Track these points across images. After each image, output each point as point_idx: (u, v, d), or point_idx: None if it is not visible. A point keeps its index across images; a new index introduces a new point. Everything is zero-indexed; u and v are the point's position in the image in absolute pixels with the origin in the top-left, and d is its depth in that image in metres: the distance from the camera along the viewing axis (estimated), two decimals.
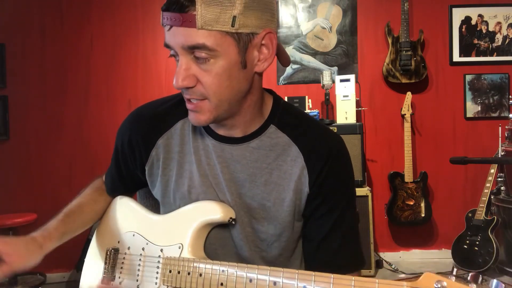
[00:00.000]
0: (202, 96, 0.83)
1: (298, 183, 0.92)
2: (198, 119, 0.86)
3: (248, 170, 0.93)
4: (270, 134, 0.93)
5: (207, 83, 0.81)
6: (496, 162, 3.20)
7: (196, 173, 0.95)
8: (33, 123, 3.34)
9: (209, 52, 0.78)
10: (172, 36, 0.79)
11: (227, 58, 0.80)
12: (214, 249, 0.96)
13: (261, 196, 0.93)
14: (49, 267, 3.29)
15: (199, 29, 0.76)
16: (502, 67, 3.52)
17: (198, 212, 0.93)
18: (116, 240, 1.05)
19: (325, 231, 0.94)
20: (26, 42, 3.34)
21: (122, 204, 1.10)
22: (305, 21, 3.53)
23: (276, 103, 0.96)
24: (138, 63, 3.45)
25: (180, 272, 0.89)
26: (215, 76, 0.80)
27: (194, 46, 0.78)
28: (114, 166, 1.10)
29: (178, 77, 0.80)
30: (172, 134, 0.98)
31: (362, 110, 3.48)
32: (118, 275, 1.02)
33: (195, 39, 0.77)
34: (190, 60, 0.80)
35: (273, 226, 0.94)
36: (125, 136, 1.03)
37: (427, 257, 3.49)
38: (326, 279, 0.71)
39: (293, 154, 0.92)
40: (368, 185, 3.42)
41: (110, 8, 3.43)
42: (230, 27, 0.77)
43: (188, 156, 0.97)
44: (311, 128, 0.96)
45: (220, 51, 0.78)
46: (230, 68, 0.81)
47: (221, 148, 0.94)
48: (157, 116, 0.99)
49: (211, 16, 0.75)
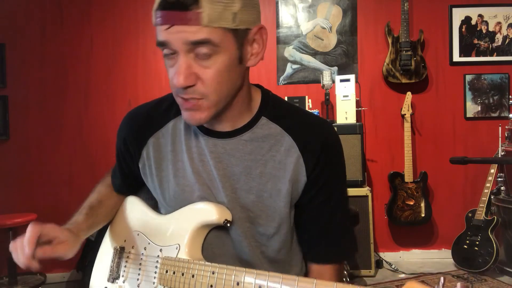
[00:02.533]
0: (201, 95, 0.82)
1: (294, 172, 0.92)
2: (197, 117, 0.85)
3: (243, 163, 0.93)
4: (261, 126, 0.94)
5: (208, 80, 0.81)
6: (496, 162, 3.20)
7: (190, 171, 0.95)
8: (33, 123, 3.34)
9: (213, 48, 0.79)
10: (172, 34, 0.78)
11: (227, 54, 0.81)
12: (211, 249, 0.96)
13: (258, 188, 0.93)
14: (49, 267, 3.29)
15: (204, 26, 0.77)
16: (502, 67, 3.52)
17: (196, 214, 0.94)
18: (123, 239, 1.07)
19: (324, 219, 0.96)
20: (26, 42, 3.34)
21: (131, 204, 1.12)
22: (305, 21, 3.53)
23: (265, 97, 0.97)
24: (138, 63, 3.45)
25: (176, 273, 0.90)
26: (216, 72, 0.81)
27: (199, 41, 0.78)
28: (117, 165, 1.11)
29: (179, 76, 0.80)
30: (164, 134, 0.99)
31: (362, 110, 3.48)
32: (122, 273, 1.03)
33: (200, 35, 0.77)
34: (190, 58, 0.80)
35: (272, 218, 0.94)
36: (121, 135, 1.05)
37: (427, 257, 3.50)
38: (309, 284, 0.71)
39: (287, 144, 0.93)
40: (368, 185, 3.42)
41: (110, 8, 3.43)
42: (231, 23, 0.79)
43: (181, 155, 0.97)
44: (303, 118, 0.97)
45: (222, 47, 0.80)
46: (230, 63, 0.82)
47: (213, 143, 0.94)
48: (150, 115, 1.01)
49: (215, 14, 0.77)
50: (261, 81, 4.04)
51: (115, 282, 1.03)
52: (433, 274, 3.13)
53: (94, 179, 3.75)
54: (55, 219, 2.73)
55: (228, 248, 0.97)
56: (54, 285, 3.26)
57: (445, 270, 3.19)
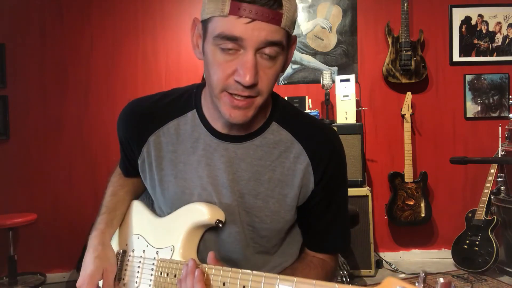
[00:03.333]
0: (258, 93, 0.83)
1: (303, 179, 0.94)
2: (248, 115, 0.84)
3: (253, 168, 0.93)
4: (272, 131, 0.94)
5: (268, 80, 0.82)
6: (496, 162, 3.21)
7: (193, 173, 0.94)
8: (33, 123, 3.34)
9: (279, 51, 0.81)
10: (251, 29, 0.76)
11: (284, 58, 0.85)
12: (207, 251, 0.96)
13: (265, 193, 0.93)
14: (49, 267, 3.29)
15: (282, 28, 0.79)
16: (502, 67, 3.52)
17: (189, 215, 0.93)
18: (125, 243, 1.07)
19: (327, 221, 1.00)
20: (26, 42, 3.34)
21: (134, 207, 1.11)
22: (305, 21, 3.53)
23: (275, 101, 0.97)
24: (138, 63, 3.45)
25: (169, 275, 0.90)
26: (274, 73, 0.83)
27: (275, 42, 0.79)
28: (121, 150, 1.10)
29: (250, 73, 0.78)
30: (165, 132, 0.97)
31: (362, 110, 3.48)
32: (123, 276, 1.03)
33: (278, 36, 0.79)
34: (257, 57, 0.79)
35: (276, 222, 0.95)
36: (121, 128, 1.03)
37: (427, 257, 3.50)
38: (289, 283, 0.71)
39: (296, 151, 0.94)
40: (368, 185, 3.42)
41: (110, 8, 3.43)
42: (292, 30, 0.84)
43: (183, 157, 0.95)
44: (311, 124, 0.99)
45: (285, 51, 0.84)
46: (281, 67, 0.86)
47: (224, 147, 0.93)
48: (152, 112, 0.99)
49: (291, 18, 0.80)
50: None
51: (117, 285, 1.03)
52: (433, 274, 3.13)
53: (94, 179, 3.76)
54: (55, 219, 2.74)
55: (225, 249, 0.97)
56: (54, 285, 3.25)
57: (445, 270, 3.19)
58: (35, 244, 3.29)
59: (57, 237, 3.30)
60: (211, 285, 0.80)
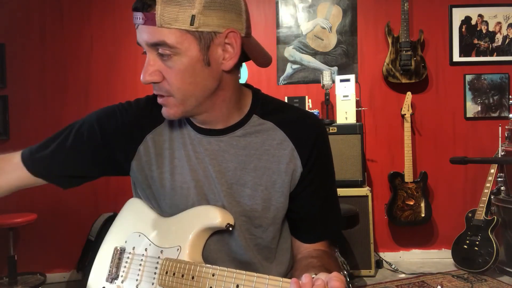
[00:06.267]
0: (167, 92, 0.87)
1: (289, 164, 0.96)
2: (166, 113, 0.90)
3: (238, 158, 0.95)
4: (253, 123, 0.97)
5: (171, 79, 0.85)
6: (496, 162, 3.21)
7: (187, 168, 0.96)
8: (33, 123, 3.34)
9: (171, 49, 0.82)
10: (139, 33, 0.85)
11: (188, 56, 0.83)
12: (210, 251, 0.97)
13: (253, 182, 0.95)
14: (49, 267, 3.29)
15: (159, 27, 0.80)
16: (502, 67, 3.52)
17: (199, 217, 0.95)
18: (124, 240, 1.07)
19: (317, 207, 1.00)
20: (26, 42, 3.34)
21: (133, 204, 1.11)
22: (305, 21, 3.53)
23: (255, 96, 1.00)
24: (138, 63, 3.45)
25: (176, 274, 0.91)
26: (177, 73, 0.84)
27: (155, 43, 0.82)
28: (62, 144, 1.02)
29: (145, 72, 0.85)
30: (161, 130, 1.00)
31: (362, 110, 3.48)
32: (121, 274, 1.03)
33: (156, 37, 0.81)
34: (156, 56, 0.84)
35: (267, 210, 0.96)
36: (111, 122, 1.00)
37: (427, 257, 3.50)
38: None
39: (279, 138, 0.96)
40: (368, 185, 3.42)
41: (110, 8, 3.43)
42: (189, 25, 0.80)
43: (177, 152, 0.98)
44: (293, 113, 1.01)
45: (181, 49, 0.82)
46: (192, 65, 0.84)
47: (207, 141, 0.96)
48: (148, 110, 1.01)
49: (170, 15, 0.79)
50: (261, 81, 4.01)
51: (114, 282, 1.03)
52: (433, 274, 3.13)
53: None
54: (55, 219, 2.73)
55: (225, 248, 0.98)
56: (54, 285, 3.26)
57: (445, 270, 3.20)
58: (35, 244, 3.29)
59: (57, 237, 3.31)
60: (224, 286, 0.81)
